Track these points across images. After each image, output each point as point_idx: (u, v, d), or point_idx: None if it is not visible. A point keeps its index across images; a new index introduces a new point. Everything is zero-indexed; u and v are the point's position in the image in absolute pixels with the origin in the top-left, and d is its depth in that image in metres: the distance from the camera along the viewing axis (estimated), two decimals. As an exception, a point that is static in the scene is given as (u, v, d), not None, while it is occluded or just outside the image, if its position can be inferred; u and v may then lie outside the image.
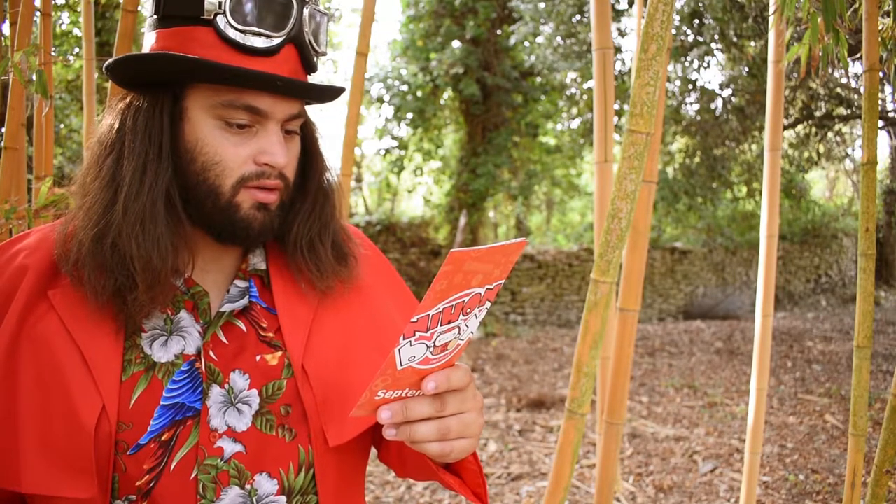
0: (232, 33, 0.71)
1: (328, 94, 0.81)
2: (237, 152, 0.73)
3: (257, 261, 0.82)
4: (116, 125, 0.75)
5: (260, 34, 0.72)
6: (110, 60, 0.75)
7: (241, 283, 0.80)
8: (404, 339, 0.58)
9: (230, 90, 0.72)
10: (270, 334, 0.79)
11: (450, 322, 0.59)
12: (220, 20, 0.71)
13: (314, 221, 0.82)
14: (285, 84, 0.72)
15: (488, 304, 0.62)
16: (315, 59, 0.78)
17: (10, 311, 0.72)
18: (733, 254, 10.28)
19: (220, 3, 0.70)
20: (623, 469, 3.63)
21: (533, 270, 8.75)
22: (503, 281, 0.60)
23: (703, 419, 4.52)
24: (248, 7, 0.71)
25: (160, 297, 0.73)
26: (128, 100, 0.76)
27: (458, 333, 0.61)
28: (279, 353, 0.77)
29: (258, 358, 0.77)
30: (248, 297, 0.79)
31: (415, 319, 0.57)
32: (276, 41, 0.73)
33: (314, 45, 0.77)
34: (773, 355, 6.31)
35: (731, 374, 5.80)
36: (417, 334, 0.59)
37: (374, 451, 0.92)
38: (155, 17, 0.74)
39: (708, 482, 3.47)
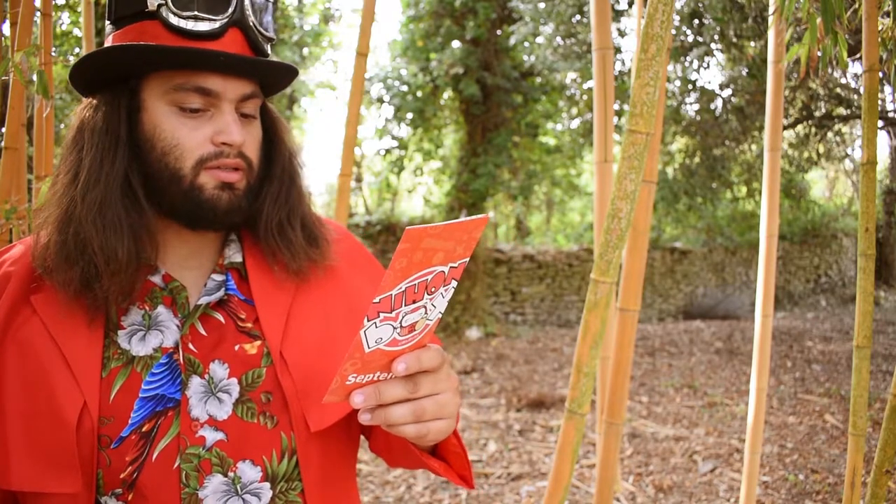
0: (175, 20, 0.74)
1: (278, 72, 0.81)
2: (193, 135, 0.75)
3: (233, 254, 0.84)
4: (78, 124, 0.79)
5: (201, 18, 0.74)
6: (71, 69, 0.78)
7: (217, 277, 0.81)
8: (368, 320, 0.58)
9: (180, 74, 0.74)
10: (249, 324, 0.80)
11: (414, 302, 0.59)
12: (164, 10, 0.74)
13: (282, 204, 0.83)
14: (228, 59, 0.74)
15: (454, 283, 0.61)
16: (264, 43, 0.80)
17: None
18: (733, 254, 10.28)
19: None
20: (623, 469, 3.63)
21: (533, 270, 8.75)
22: (467, 259, 0.60)
23: (703, 419, 4.52)
24: None
25: (126, 285, 0.74)
26: (90, 100, 0.79)
27: (426, 313, 0.61)
28: (258, 343, 0.79)
29: (237, 347, 0.78)
30: (224, 289, 0.81)
31: (377, 300, 0.57)
32: (218, 24, 0.75)
33: (259, 28, 0.78)
34: (772, 355, 6.31)
35: (730, 373, 5.80)
36: (382, 315, 0.58)
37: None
38: (109, 23, 0.78)
39: (708, 482, 3.47)
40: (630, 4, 7.09)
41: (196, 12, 0.74)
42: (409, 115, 8.37)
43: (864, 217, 1.58)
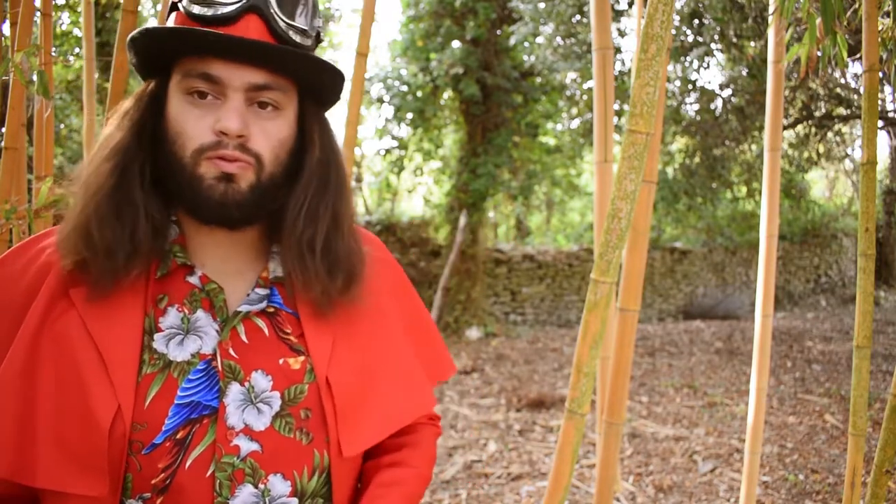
0: (190, 7, 0.73)
1: (299, 63, 0.75)
2: (197, 124, 0.73)
3: (276, 267, 0.81)
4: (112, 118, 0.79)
5: (213, 3, 0.72)
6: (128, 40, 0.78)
7: (261, 291, 0.79)
8: None
9: (190, 61, 0.73)
10: (293, 338, 0.78)
11: None
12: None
13: (307, 222, 0.78)
14: (218, 38, 0.70)
15: None
16: (293, 34, 0.75)
17: (32, 307, 0.73)
18: (733, 254, 10.27)
19: None
20: (623, 469, 3.63)
21: (533, 270, 8.75)
22: None
23: (703, 419, 4.52)
24: None
25: (113, 265, 0.72)
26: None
27: None
28: (301, 358, 0.78)
29: (281, 361, 0.77)
30: (266, 301, 0.79)
31: None
32: (230, 8, 0.72)
33: (280, 15, 0.74)
34: (772, 355, 6.31)
35: (730, 373, 5.80)
36: None
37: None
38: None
39: (708, 482, 3.47)
40: (630, 4, 7.08)
41: None
42: (409, 115, 8.36)
43: (864, 217, 1.58)
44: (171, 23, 0.76)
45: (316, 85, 0.79)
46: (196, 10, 0.72)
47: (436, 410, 1.20)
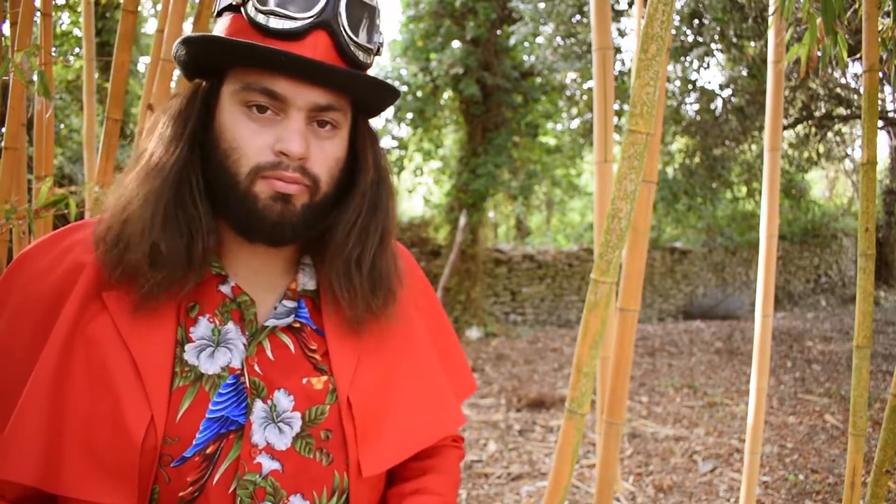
0: (255, 15, 0.69)
1: (366, 87, 0.73)
2: (255, 140, 0.70)
3: (307, 280, 0.80)
4: (164, 107, 0.76)
5: (284, 16, 0.69)
6: (177, 43, 0.75)
7: (289, 304, 0.78)
8: None
9: (251, 72, 0.70)
10: (317, 357, 0.77)
11: None
12: (249, 5, 0.70)
13: (356, 240, 0.76)
14: (290, 59, 0.67)
15: None
16: (358, 52, 0.72)
17: (66, 308, 0.71)
18: (733, 254, 10.27)
19: None
20: (623, 469, 3.63)
21: (533, 270, 8.75)
22: None
23: (703, 419, 4.52)
24: None
25: (174, 282, 0.70)
26: (182, 89, 0.77)
27: None
28: (324, 378, 0.76)
29: (304, 381, 0.75)
30: (293, 315, 0.77)
31: None
32: (300, 24, 0.69)
33: (350, 33, 0.71)
34: (772, 355, 6.31)
35: (730, 373, 5.80)
36: None
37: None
38: (215, 11, 0.75)
39: (708, 482, 3.47)
40: (630, 4, 7.08)
41: (276, 8, 0.68)
42: (409, 115, 8.36)
43: (864, 217, 1.58)
44: (225, 24, 0.72)
45: (373, 104, 0.78)
46: (263, 20, 0.69)
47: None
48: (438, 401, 0.85)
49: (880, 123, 7.03)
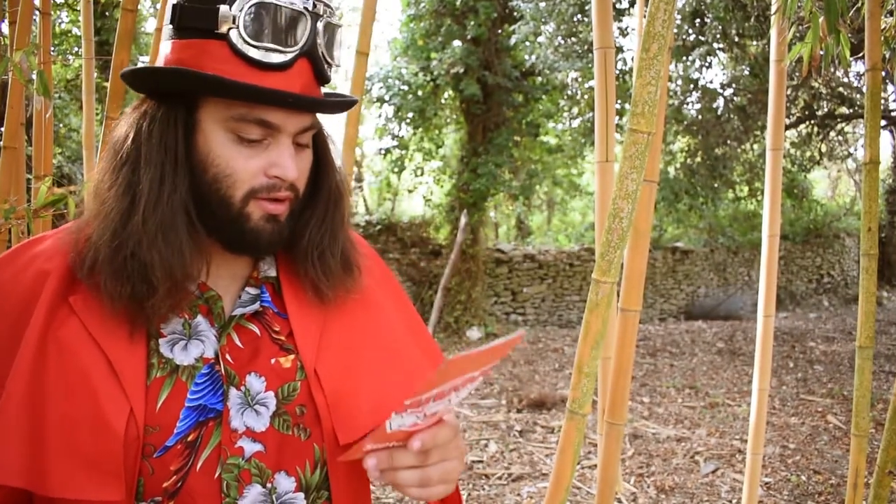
0: (245, 48, 0.71)
1: (340, 106, 0.82)
2: (248, 165, 0.74)
3: (267, 268, 0.84)
4: (132, 134, 0.75)
5: (273, 49, 0.72)
6: (127, 70, 0.76)
7: (252, 290, 0.81)
8: (396, 413, 0.62)
9: (242, 105, 0.72)
10: (282, 338, 0.81)
11: (441, 398, 0.63)
12: (234, 35, 0.71)
13: (325, 231, 0.82)
14: (296, 100, 0.73)
15: (481, 379, 0.65)
16: (328, 70, 0.78)
17: (34, 315, 0.73)
18: (735, 254, 10.26)
19: (233, 18, 0.71)
20: (624, 470, 3.62)
21: (534, 270, 8.74)
22: (498, 361, 0.64)
23: (705, 420, 4.52)
24: (262, 22, 0.71)
25: (178, 303, 0.74)
26: (143, 108, 0.76)
27: (448, 403, 0.65)
28: (292, 356, 0.80)
29: (273, 361, 0.79)
30: (259, 301, 0.81)
31: (408, 402, 0.61)
32: (290, 56, 0.73)
33: (327, 57, 0.77)
34: (774, 356, 6.30)
35: (732, 374, 5.79)
36: (410, 410, 0.63)
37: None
38: (171, 26, 0.74)
39: (709, 483, 3.46)
40: (632, 3, 7.08)
41: (268, 43, 0.71)
42: (410, 115, 8.35)
43: (867, 217, 1.57)
44: (197, 48, 0.73)
45: (333, 114, 0.85)
46: (256, 55, 0.72)
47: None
48: (410, 365, 0.88)
49: (883, 123, 7.01)
